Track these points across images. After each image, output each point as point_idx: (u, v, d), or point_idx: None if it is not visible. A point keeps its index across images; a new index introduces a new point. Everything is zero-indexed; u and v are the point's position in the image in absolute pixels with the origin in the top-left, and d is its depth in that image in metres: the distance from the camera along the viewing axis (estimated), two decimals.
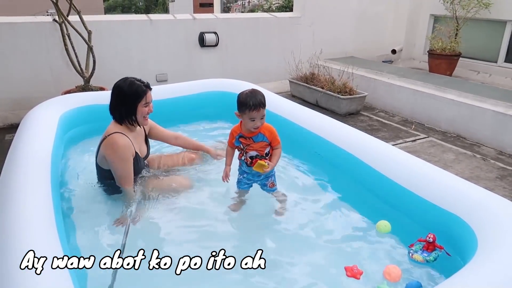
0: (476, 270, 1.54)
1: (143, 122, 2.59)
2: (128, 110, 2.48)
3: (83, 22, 4.60)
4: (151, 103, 2.56)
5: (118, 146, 2.40)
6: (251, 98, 2.32)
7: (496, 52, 6.62)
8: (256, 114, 2.32)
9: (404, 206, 2.39)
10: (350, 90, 5.17)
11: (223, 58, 6.01)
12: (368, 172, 2.62)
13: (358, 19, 7.02)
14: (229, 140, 2.57)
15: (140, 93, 2.47)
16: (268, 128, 2.45)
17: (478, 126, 4.36)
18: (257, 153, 2.45)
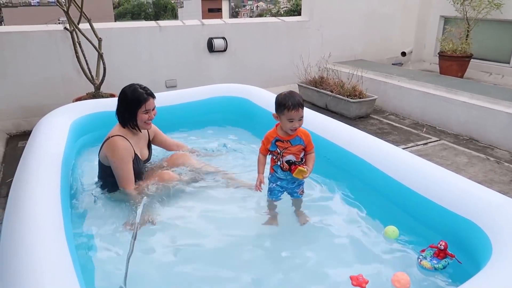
0: (491, 276, 1.51)
1: (143, 127, 2.70)
2: (129, 115, 2.62)
3: (94, 30, 4.66)
4: (153, 111, 2.67)
5: (118, 148, 2.55)
6: (289, 98, 2.33)
7: (509, 53, 6.52)
8: (295, 114, 2.32)
9: (415, 211, 2.36)
10: (359, 94, 5.13)
11: (232, 63, 6.03)
12: (379, 176, 2.59)
13: (366, 21, 6.99)
14: (262, 148, 2.54)
15: (141, 100, 2.60)
16: (304, 132, 2.47)
17: (491, 128, 4.29)
18: (294, 157, 2.44)
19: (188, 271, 2.10)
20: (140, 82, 5.50)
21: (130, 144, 2.62)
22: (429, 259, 2.02)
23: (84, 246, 2.21)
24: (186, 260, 2.17)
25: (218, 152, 3.41)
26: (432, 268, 1.98)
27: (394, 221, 2.39)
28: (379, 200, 2.62)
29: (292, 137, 2.43)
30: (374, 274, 2.03)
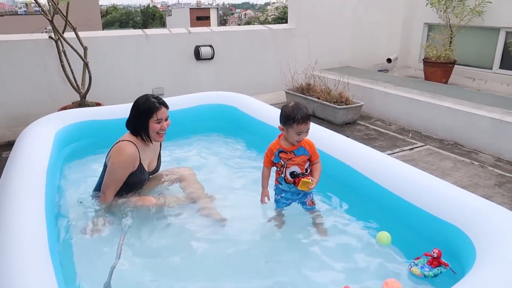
0: (474, 282, 1.52)
1: (155, 139, 2.61)
2: (141, 125, 2.55)
3: (79, 39, 4.63)
4: (165, 121, 2.59)
5: (123, 153, 2.49)
6: (298, 111, 2.31)
7: (491, 59, 6.66)
8: (303, 127, 2.32)
9: (402, 216, 2.38)
10: (346, 100, 5.18)
11: (219, 71, 6.04)
12: (365, 182, 2.61)
13: (352, 29, 7.08)
14: (265, 160, 2.52)
15: (152, 109, 2.51)
16: (308, 142, 2.45)
17: (475, 133, 4.36)
18: (298, 168, 2.42)
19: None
20: (127, 90, 5.52)
21: (138, 152, 2.54)
22: (420, 266, 2.01)
23: (69, 260, 2.16)
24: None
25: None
26: (422, 275, 1.98)
27: (384, 227, 2.40)
28: (367, 206, 2.63)
29: (296, 148, 2.41)
30: (364, 281, 2.03)
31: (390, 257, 2.21)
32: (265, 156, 2.52)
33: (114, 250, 2.21)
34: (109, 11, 60.40)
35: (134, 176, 2.57)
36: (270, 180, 2.59)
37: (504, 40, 6.40)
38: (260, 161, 3.51)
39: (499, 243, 1.76)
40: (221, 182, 3.14)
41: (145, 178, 2.68)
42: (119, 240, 2.28)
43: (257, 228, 2.55)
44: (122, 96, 5.01)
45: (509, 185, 3.52)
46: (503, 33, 6.42)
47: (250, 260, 2.26)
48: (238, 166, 3.44)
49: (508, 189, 3.44)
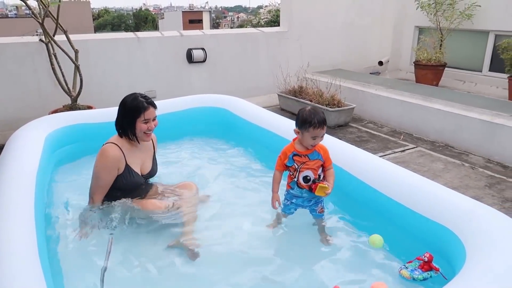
0: (465, 282, 1.53)
1: (142, 138, 2.57)
2: (128, 124, 2.51)
3: (70, 42, 4.60)
4: (153, 121, 2.55)
5: (106, 155, 2.45)
6: (315, 116, 2.32)
7: (481, 62, 6.74)
8: (319, 132, 2.32)
9: (393, 218, 2.39)
10: (338, 102, 5.20)
11: (211, 74, 6.04)
12: (356, 184, 2.62)
13: (344, 32, 7.12)
14: (278, 163, 2.50)
15: (140, 108, 2.47)
16: (322, 147, 2.45)
17: (466, 135, 4.40)
18: (312, 172, 2.41)
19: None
20: (119, 93, 5.45)
21: (122, 154, 2.49)
22: (410, 269, 2.02)
23: (58, 264, 2.14)
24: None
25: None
26: (411, 278, 1.99)
27: (375, 229, 2.41)
28: (358, 207, 2.64)
29: (310, 152, 2.41)
30: (354, 282, 2.04)
31: (381, 258, 2.22)
32: (278, 159, 2.50)
33: (103, 253, 2.19)
34: (101, 14, 60.14)
35: (123, 178, 2.50)
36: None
37: (493, 43, 6.48)
38: (252, 163, 3.54)
39: (489, 244, 1.77)
40: (214, 184, 3.13)
41: (137, 180, 2.59)
42: (107, 244, 2.25)
43: (252, 231, 2.53)
44: (114, 99, 4.95)
45: (499, 186, 3.56)
46: (492, 36, 6.50)
47: (248, 263, 2.25)
48: (230, 168, 3.43)
49: (498, 190, 3.47)
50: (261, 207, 2.75)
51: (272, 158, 3.41)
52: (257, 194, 2.97)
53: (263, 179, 3.17)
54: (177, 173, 3.24)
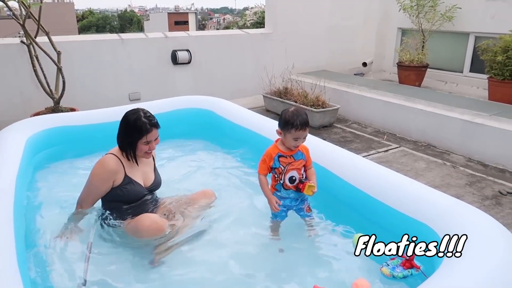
0: (443, 278, 1.56)
1: (142, 157, 2.47)
2: (129, 144, 2.39)
3: (52, 43, 4.54)
4: (155, 141, 2.43)
5: (103, 165, 2.38)
6: (297, 117, 2.32)
7: (462, 63, 6.88)
8: (301, 133, 2.33)
9: (376, 217, 2.42)
10: (323, 103, 5.25)
11: (196, 75, 6.03)
12: (340, 184, 2.64)
13: (329, 33, 7.19)
14: (261, 167, 2.45)
15: (143, 131, 2.34)
16: (303, 146, 2.48)
17: (447, 134, 4.49)
18: (296, 173, 2.42)
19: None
20: (103, 95, 5.45)
21: (121, 166, 2.39)
22: (392, 267, 2.04)
23: (38, 269, 2.09)
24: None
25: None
26: (391, 275, 2.01)
27: (358, 227, 2.43)
28: (341, 207, 2.66)
29: (294, 152, 2.43)
30: (335, 281, 2.06)
31: (363, 257, 2.23)
32: (261, 163, 2.46)
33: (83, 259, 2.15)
34: (85, 16, 59.36)
35: (122, 189, 2.39)
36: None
37: (473, 44, 6.62)
38: (237, 164, 3.54)
39: (467, 240, 1.81)
40: (199, 186, 3.12)
41: (140, 190, 2.46)
42: (86, 249, 2.20)
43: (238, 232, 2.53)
44: (98, 101, 4.95)
45: (479, 184, 3.63)
46: (472, 37, 6.64)
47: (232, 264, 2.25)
48: (215, 170, 3.43)
49: (478, 188, 3.55)
50: (248, 208, 2.76)
51: (257, 159, 3.44)
52: (244, 195, 2.97)
53: (249, 180, 3.18)
54: (162, 175, 3.22)
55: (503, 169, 3.96)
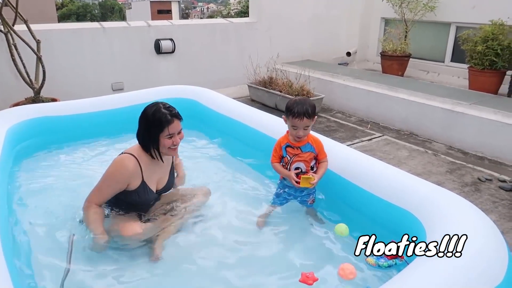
0: (424, 262, 1.61)
1: (167, 154, 2.31)
2: (150, 139, 2.23)
3: (31, 32, 4.43)
4: (178, 134, 2.27)
5: (121, 167, 2.20)
6: (297, 105, 2.32)
7: (443, 52, 6.97)
8: (299, 122, 2.32)
9: (359, 205, 2.46)
10: (307, 93, 5.26)
11: (180, 65, 5.97)
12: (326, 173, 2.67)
13: (313, 23, 7.18)
14: (274, 156, 2.49)
15: (163, 123, 2.17)
16: (315, 139, 2.48)
17: (429, 123, 4.57)
18: (303, 164, 2.43)
19: None
20: (85, 85, 5.35)
21: (139, 169, 2.23)
22: (376, 257, 2.06)
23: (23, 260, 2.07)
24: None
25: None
26: (376, 265, 2.05)
27: (342, 216, 2.48)
28: (326, 196, 2.70)
29: (303, 144, 2.43)
30: (320, 268, 2.10)
31: (349, 246, 2.26)
32: (273, 152, 2.49)
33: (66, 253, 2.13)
34: (65, 4, 57.79)
35: (137, 195, 2.26)
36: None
37: (454, 34, 6.72)
38: (223, 154, 3.54)
39: (448, 225, 1.86)
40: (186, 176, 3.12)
41: (150, 198, 2.36)
42: (68, 243, 2.17)
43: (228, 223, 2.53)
44: (79, 91, 4.86)
45: (459, 171, 3.73)
46: (453, 27, 6.73)
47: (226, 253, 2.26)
48: (201, 160, 3.42)
49: (458, 175, 3.64)
50: (235, 198, 2.78)
51: (242, 149, 3.45)
52: (230, 186, 2.98)
53: (235, 170, 3.19)
54: None
55: (482, 156, 4.06)
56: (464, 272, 1.56)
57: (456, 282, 1.53)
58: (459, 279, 1.54)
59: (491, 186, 3.44)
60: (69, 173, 3.06)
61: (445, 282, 1.52)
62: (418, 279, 1.54)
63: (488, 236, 1.80)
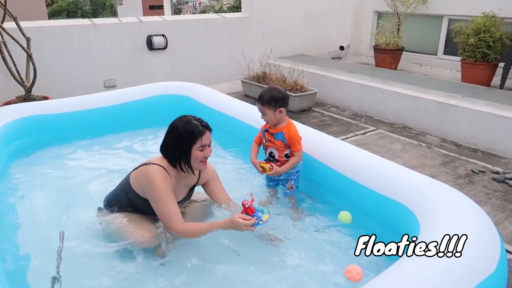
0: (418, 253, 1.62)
1: (197, 167, 2.23)
2: (181, 152, 2.15)
3: (21, 29, 4.37)
4: (209, 147, 2.21)
5: (158, 179, 2.09)
6: (262, 92, 2.52)
7: (436, 45, 6.99)
8: (259, 106, 2.51)
9: (353, 198, 2.47)
10: (301, 88, 5.26)
11: (173, 61, 5.93)
12: (320, 167, 2.68)
13: (305, 17, 7.16)
14: (256, 136, 2.70)
15: (196, 134, 2.12)
16: (290, 130, 2.53)
17: (422, 116, 4.59)
18: (276, 151, 2.57)
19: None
20: (77, 83, 5.30)
21: (170, 179, 2.16)
22: None
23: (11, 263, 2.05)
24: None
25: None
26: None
27: (336, 211, 2.47)
28: (321, 190, 2.71)
29: (276, 131, 2.54)
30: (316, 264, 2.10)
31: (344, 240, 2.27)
32: (258, 132, 2.70)
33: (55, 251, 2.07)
34: (55, 0, 57.14)
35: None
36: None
37: (447, 27, 6.73)
38: (216, 150, 3.51)
39: (441, 217, 1.87)
40: None
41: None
42: (58, 240, 2.11)
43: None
44: (71, 89, 4.81)
45: (453, 164, 3.75)
46: (446, 20, 6.74)
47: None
48: None
49: (452, 168, 3.66)
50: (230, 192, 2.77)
51: (236, 144, 3.44)
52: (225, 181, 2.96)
53: (229, 165, 3.18)
54: None
55: (475, 148, 4.09)
56: (458, 262, 1.57)
57: (449, 271, 1.54)
58: (453, 268, 1.56)
59: (484, 178, 3.47)
60: (62, 171, 3.04)
61: (438, 272, 1.53)
62: (411, 268, 1.55)
63: (482, 227, 1.82)
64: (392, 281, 1.51)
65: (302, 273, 2.07)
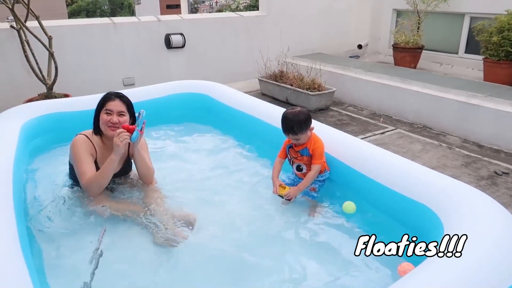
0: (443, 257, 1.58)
1: (106, 132, 2.43)
2: (94, 116, 2.49)
3: (43, 28, 4.46)
4: (115, 114, 2.40)
5: (76, 142, 2.41)
6: (284, 122, 2.49)
7: (457, 44, 6.84)
8: (292, 137, 2.50)
9: (374, 199, 2.43)
10: (318, 86, 5.22)
11: (190, 59, 5.96)
12: (338, 166, 2.65)
13: (322, 15, 7.10)
14: (280, 151, 2.69)
15: (105, 98, 2.45)
16: (314, 145, 2.54)
17: (443, 116, 4.50)
18: (304, 165, 2.59)
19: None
20: (96, 80, 5.39)
21: (92, 144, 2.44)
22: None
23: (42, 256, 2.09)
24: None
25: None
26: None
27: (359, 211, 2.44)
28: (340, 190, 2.68)
29: (301, 148, 2.55)
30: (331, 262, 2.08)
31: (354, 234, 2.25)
32: (282, 147, 2.69)
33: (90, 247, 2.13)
34: (74, 0, 58.14)
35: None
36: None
37: (468, 25, 6.58)
38: (235, 148, 3.54)
39: (465, 219, 1.83)
40: (196, 170, 3.12)
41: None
42: (98, 236, 2.18)
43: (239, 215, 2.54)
44: (91, 86, 4.89)
45: (475, 165, 3.66)
46: (467, 18, 6.59)
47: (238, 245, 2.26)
48: (213, 154, 3.42)
49: (474, 169, 3.58)
50: (248, 189, 2.80)
51: (254, 142, 3.44)
52: (243, 178, 2.98)
53: (247, 163, 3.19)
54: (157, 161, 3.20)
55: (498, 149, 3.99)
56: (484, 265, 1.53)
57: (475, 274, 1.50)
58: (478, 271, 1.51)
59: (508, 179, 3.38)
60: None
61: (464, 274, 1.50)
62: (437, 270, 1.52)
63: (508, 229, 1.76)
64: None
65: (311, 273, 2.06)
